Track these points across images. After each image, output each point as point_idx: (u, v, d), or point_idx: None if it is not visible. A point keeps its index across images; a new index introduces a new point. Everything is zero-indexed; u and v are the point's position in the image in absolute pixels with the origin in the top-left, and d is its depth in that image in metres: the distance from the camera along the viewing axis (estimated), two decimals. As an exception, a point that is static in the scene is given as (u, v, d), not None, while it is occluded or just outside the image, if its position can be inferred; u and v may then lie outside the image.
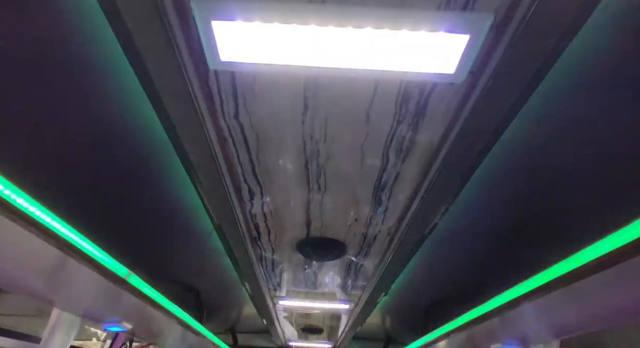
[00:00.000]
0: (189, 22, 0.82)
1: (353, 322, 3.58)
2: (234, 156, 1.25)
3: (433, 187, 1.35)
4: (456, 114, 1.03)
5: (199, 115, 1.07)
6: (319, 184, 1.40)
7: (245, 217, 1.68)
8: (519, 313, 2.26)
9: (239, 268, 2.37)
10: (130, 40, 0.84)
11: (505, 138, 1.12)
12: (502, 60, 0.86)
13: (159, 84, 0.95)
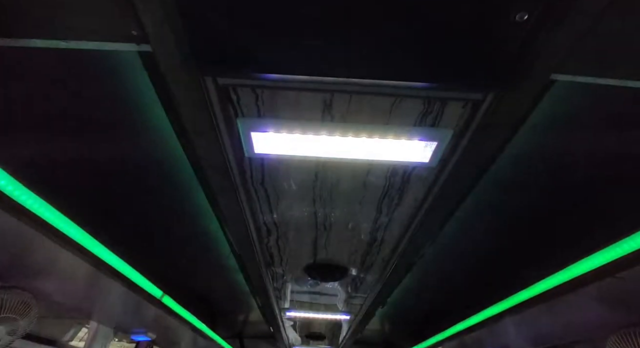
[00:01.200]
0: (233, 129, 1.14)
1: (353, 330, 3.90)
2: (257, 208, 1.57)
3: (419, 229, 1.66)
4: (432, 184, 1.34)
5: (233, 182, 1.38)
6: (325, 226, 1.71)
7: (262, 249, 2.00)
8: (503, 325, 2.57)
9: (252, 286, 2.69)
10: (191, 142, 1.15)
11: (482, 187, 1.42)
12: (462, 153, 1.17)
13: (205, 159, 1.26)
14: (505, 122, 1.03)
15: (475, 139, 1.10)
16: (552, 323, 2.25)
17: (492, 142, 1.11)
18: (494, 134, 1.07)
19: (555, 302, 1.93)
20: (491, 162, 1.23)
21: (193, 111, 1.05)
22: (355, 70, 0.87)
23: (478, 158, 1.18)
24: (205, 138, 1.14)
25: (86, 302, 2.24)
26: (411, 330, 4.08)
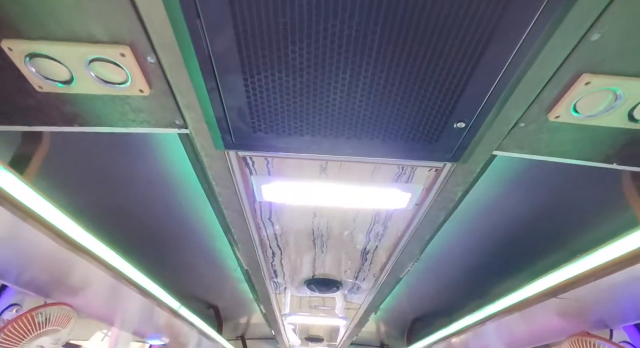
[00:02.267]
0: (248, 184, 1.43)
1: (349, 333, 4.21)
2: (265, 236, 1.87)
3: (402, 253, 1.96)
4: (410, 221, 1.64)
5: (246, 219, 1.68)
6: (322, 250, 2.01)
7: (268, 267, 2.29)
8: (484, 330, 2.87)
9: (257, 295, 3.00)
10: (215, 192, 1.45)
11: (454, 218, 1.72)
12: (432, 201, 1.47)
13: (225, 204, 1.56)
14: (461, 182, 1.33)
15: (440, 192, 1.40)
16: (523, 330, 2.55)
17: (453, 194, 1.40)
18: (454, 190, 1.37)
19: (523, 312, 2.23)
20: (456, 204, 1.52)
21: (218, 172, 1.34)
22: (344, 152, 1.16)
23: (445, 203, 1.48)
24: (226, 190, 1.44)
25: (112, 312, 2.53)
26: (403, 333, 4.39)
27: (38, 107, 1.09)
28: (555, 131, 1.09)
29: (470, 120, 1.01)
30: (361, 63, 0.86)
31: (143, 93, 1.03)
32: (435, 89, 0.92)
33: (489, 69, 0.86)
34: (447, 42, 0.80)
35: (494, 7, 0.73)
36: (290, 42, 0.82)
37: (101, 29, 0.86)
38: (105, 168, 1.65)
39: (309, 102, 0.97)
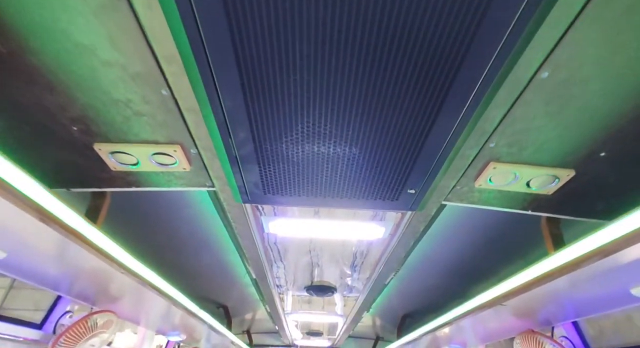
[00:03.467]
0: (258, 221, 1.87)
1: (346, 328, 4.70)
2: (270, 255, 2.31)
3: (383, 267, 2.41)
4: (386, 246, 2.09)
5: (256, 244, 2.12)
6: (319, 264, 2.46)
7: (273, 276, 2.75)
8: (462, 324, 3.35)
9: (263, 298, 3.47)
10: (232, 226, 1.89)
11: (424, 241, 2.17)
12: (401, 232, 1.91)
13: (240, 234, 2.00)
14: (422, 220, 1.77)
15: (407, 226, 1.84)
16: (489, 326, 3.02)
17: (417, 227, 1.85)
18: (417, 225, 1.81)
19: (485, 312, 2.69)
20: (422, 234, 1.97)
21: (236, 215, 1.79)
22: (331, 205, 1.60)
23: (412, 233, 1.92)
24: (241, 226, 1.88)
25: (141, 314, 2.99)
26: (394, 327, 4.88)
27: (110, 178, 1.52)
28: (482, 191, 1.52)
29: (418, 188, 1.45)
30: (339, 160, 1.29)
31: (185, 169, 1.46)
32: (393, 171, 1.35)
33: (428, 156, 1.29)
34: (397, 147, 1.23)
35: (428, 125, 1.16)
36: (289, 155, 1.25)
37: (163, 136, 1.29)
38: (151, 213, 2.10)
39: (304, 179, 1.40)
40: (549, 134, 1.18)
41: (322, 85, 0.98)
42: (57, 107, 1.15)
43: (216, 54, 0.89)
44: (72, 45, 0.95)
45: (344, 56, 0.88)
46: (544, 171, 1.34)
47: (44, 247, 1.49)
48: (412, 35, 0.83)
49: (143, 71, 1.02)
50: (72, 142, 1.31)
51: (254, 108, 1.07)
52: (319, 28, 0.82)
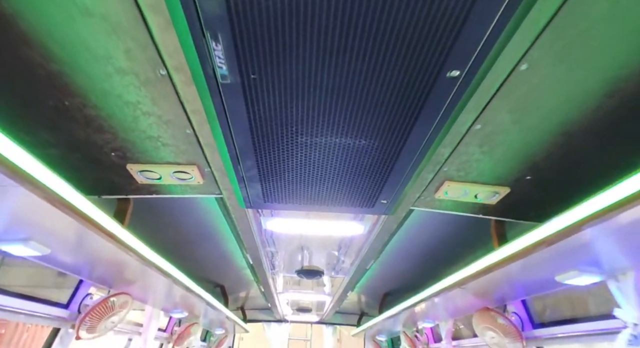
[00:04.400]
0: (258, 220, 2.23)
1: (333, 305, 5.20)
2: (267, 246, 2.69)
3: (364, 257, 2.81)
4: (365, 240, 2.48)
5: (255, 238, 2.49)
6: (308, 253, 2.85)
7: (267, 262, 3.14)
8: (433, 302, 3.84)
9: (258, 280, 3.88)
10: (235, 224, 2.25)
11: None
12: (378, 230, 2.29)
13: (241, 230, 2.36)
14: (394, 221, 2.15)
15: (382, 225, 2.22)
16: (456, 303, 3.50)
17: (390, 226, 2.23)
18: (391, 224, 2.20)
19: (455, 291, 3.15)
20: (395, 230, 2.35)
21: (239, 216, 2.13)
22: (319, 210, 1.96)
23: (386, 230, 2.31)
24: (243, 224, 2.24)
25: (150, 295, 3.37)
26: (377, 303, 5.41)
27: (136, 188, 1.85)
28: (442, 201, 1.90)
29: (389, 199, 1.81)
30: (326, 179, 1.64)
31: (199, 183, 1.79)
32: (368, 188, 1.71)
33: (396, 177, 1.64)
34: (371, 170, 1.58)
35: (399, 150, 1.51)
36: (287, 176, 1.59)
37: (183, 159, 1.61)
38: (163, 211, 2.42)
39: (298, 191, 1.75)
40: (486, 165, 1.54)
41: (313, 136, 1.31)
42: (103, 141, 1.46)
43: (234, 116, 1.22)
44: (123, 103, 1.25)
45: (329, 120, 1.22)
46: (486, 188, 1.72)
47: (79, 243, 1.82)
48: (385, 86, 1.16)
49: (174, 119, 1.33)
50: (109, 163, 1.62)
51: (259, 146, 1.40)
52: (310, 106, 1.14)
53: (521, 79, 1.09)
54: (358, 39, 0.92)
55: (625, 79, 1.06)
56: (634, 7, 0.87)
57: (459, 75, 1.02)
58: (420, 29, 0.89)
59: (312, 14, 0.86)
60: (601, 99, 1.14)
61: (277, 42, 0.94)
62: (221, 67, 1.02)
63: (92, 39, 1.01)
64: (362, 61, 0.99)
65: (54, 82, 1.17)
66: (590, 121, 1.24)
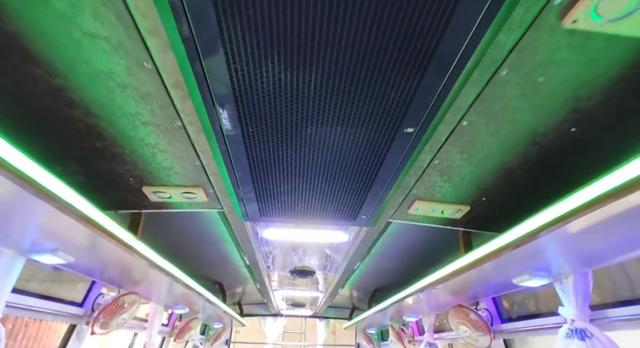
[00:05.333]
0: (255, 230, 2.54)
1: (325, 300, 5.55)
2: (263, 253, 2.99)
3: (352, 257, 3.13)
4: (351, 246, 2.79)
5: (252, 243, 2.79)
6: (301, 255, 3.17)
7: (263, 262, 3.46)
8: (416, 298, 4.19)
9: (254, 278, 4.20)
10: (234, 233, 2.55)
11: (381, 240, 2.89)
12: (361, 237, 2.61)
13: (240, 238, 2.66)
14: (375, 231, 2.46)
15: (364, 235, 2.53)
16: (437, 299, 3.85)
17: (372, 235, 2.54)
18: (372, 233, 2.51)
19: (433, 289, 3.49)
20: (376, 240, 2.67)
21: (238, 228, 2.43)
22: (308, 221, 2.26)
23: (369, 239, 2.62)
24: (242, 233, 2.54)
25: (155, 293, 3.68)
26: (367, 299, 5.77)
27: (149, 204, 2.14)
28: (414, 215, 2.21)
29: (368, 215, 2.12)
30: (314, 199, 1.94)
31: (204, 200, 2.08)
32: (350, 205, 2.01)
33: (373, 198, 1.94)
34: (352, 193, 1.88)
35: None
36: (281, 198, 1.89)
37: (191, 183, 1.90)
38: (169, 220, 2.71)
39: (290, 208, 2.05)
40: (447, 189, 1.85)
41: (302, 170, 1.61)
42: (124, 170, 1.74)
43: (236, 156, 1.51)
44: (144, 144, 1.54)
45: (315, 158, 1.51)
46: (451, 206, 2.03)
47: (98, 252, 2.11)
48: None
49: (185, 155, 1.62)
50: (127, 186, 1.91)
51: (256, 176, 1.69)
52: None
53: (464, 131, 1.39)
54: (332, 112, 1.22)
55: (542, 133, 1.37)
56: (538, 91, 1.17)
57: (414, 131, 1.32)
58: (380, 104, 1.18)
59: (295, 95, 1.15)
60: (527, 146, 1.45)
61: (269, 110, 1.23)
62: (226, 124, 1.30)
63: (128, 105, 1.29)
64: (336, 127, 1.28)
65: (91, 130, 1.45)
66: (522, 160, 1.55)
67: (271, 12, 0.88)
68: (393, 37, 0.94)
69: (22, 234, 1.66)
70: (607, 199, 1.10)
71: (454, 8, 0.86)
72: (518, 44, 1.00)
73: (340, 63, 1.03)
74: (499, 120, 1.32)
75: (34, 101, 1.29)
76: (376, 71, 1.06)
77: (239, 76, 1.08)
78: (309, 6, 0.86)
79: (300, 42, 0.96)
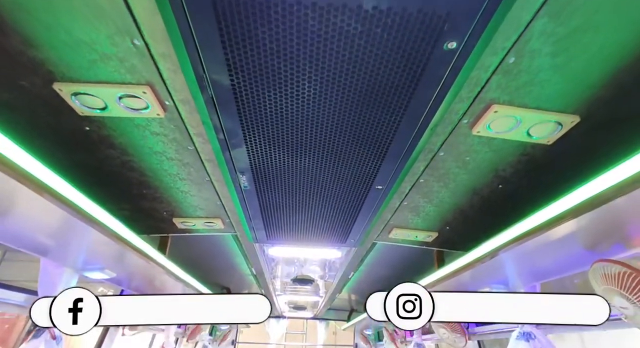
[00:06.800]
0: (262, 249, 3.03)
1: (325, 303, 6.05)
2: (268, 265, 3.49)
3: (346, 269, 3.62)
4: (344, 260, 3.28)
5: (259, 259, 3.29)
6: (302, 264, 3.66)
7: (268, 272, 3.96)
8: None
9: (259, 284, 4.71)
10: (245, 252, 3.05)
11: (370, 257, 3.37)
12: (352, 255, 3.10)
13: (250, 255, 3.15)
14: (363, 250, 2.95)
15: (354, 253, 3.02)
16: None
17: (361, 252, 3.03)
18: (361, 251, 3.00)
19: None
20: (363, 258, 3.15)
21: (248, 246, 2.93)
22: (306, 243, 2.75)
23: (358, 255, 3.11)
24: (250, 252, 3.04)
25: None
26: (363, 302, 6.26)
27: (176, 230, 2.63)
28: (394, 238, 2.69)
29: (355, 239, 2.60)
30: (311, 226, 2.42)
31: (221, 227, 2.57)
32: (340, 232, 2.49)
33: (359, 227, 2.41)
34: (341, 226, 2.36)
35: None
36: (284, 228, 2.37)
37: (211, 214, 2.39)
38: (194, 242, 3.21)
39: (291, 234, 2.54)
40: (417, 221, 2.34)
41: (303, 211, 2.09)
42: (160, 207, 2.24)
43: (251, 203, 2.00)
44: (180, 191, 2.03)
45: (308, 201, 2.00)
46: (422, 233, 2.51)
47: (133, 268, 2.61)
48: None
49: (210, 198, 2.10)
50: (161, 217, 2.40)
51: (266, 214, 2.18)
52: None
53: (422, 185, 1.87)
54: (320, 178, 1.71)
55: (479, 189, 1.85)
56: (468, 165, 1.65)
57: (382, 188, 1.81)
58: (356, 169, 1.67)
59: (295, 170, 1.64)
60: (471, 195, 1.93)
61: (276, 176, 1.72)
62: (244, 183, 1.79)
63: (172, 169, 1.78)
64: (323, 188, 1.77)
65: (142, 183, 1.94)
66: (469, 203, 2.03)
67: (277, 133, 1.37)
68: (358, 142, 1.43)
69: (78, 256, 2.15)
70: (543, 228, 1.51)
71: (400, 122, 1.33)
72: (446, 141, 1.48)
73: (323, 154, 1.52)
74: (445, 178, 1.80)
75: (110, 171, 1.79)
76: (352, 161, 1.55)
77: (255, 159, 1.57)
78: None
79: (295, 144, 1.45)
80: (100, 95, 1.28)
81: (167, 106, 1.33)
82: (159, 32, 1.03)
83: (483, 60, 1.08)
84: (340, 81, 1.13)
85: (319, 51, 1.03)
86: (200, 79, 1.14)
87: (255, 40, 1.00)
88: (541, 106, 1.28)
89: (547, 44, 1.03)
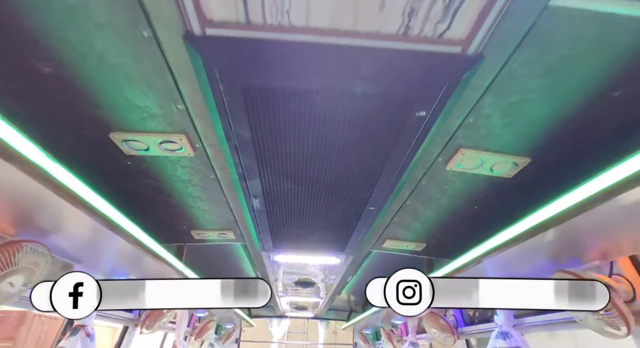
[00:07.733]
0: (269, 256, 3.36)
1: (325, 304, 6.38)
2: (273, 267, 3.81)
3: (344, 273, 3.94)
4: (342, 266, 3.60)
5: (267, 266, 3.61)
6: (304, 269, 3.98)
7: (272, 274, 4.28)
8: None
9: (264, 286, 5.04)
10: (254, 261, 3.37)
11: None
12: (349, 262, 3.42)
13: (258, 264, 3.47)
14: (359, 257, 3.27)
15: (352, 260, 3.34)
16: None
17: (357, 259, 3.35)
18: (357, 258, 3.32)
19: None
20: (360, 264, 3.47)
21: (256, 255, 3.25)
22: (309, 252, 3.07)
23: (355, 262, 3.42)
24: (257, 258, 3.36)
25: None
26: (362, 302, 6.59)
27: (192, 240, 2.95)
28: (387, 248, 3.01)
29: (353, 247, 2.92)
30: (311, 238, 2.74)
31: (233, 238, 2.89)
32: (336, 242, 2.81)
33: (355, 239, 2.73)
34: (339, 243, 2.68)
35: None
36: (289, 238, 2.69)
37: (224, 227, 2.72)
38: (205, 248, 3.53)
39: (295, 244, 2.86)
40: (407, 233, 2.65)
41: (305, 226, 2.41)
42: (180, 222, 2.55)
43: (261, 220, 2.31)
44: (198, 209, 2.35)
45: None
46: (411, 243, 2.83)
47: (153, 273, 2.93)
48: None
49: (224, 214, 2.42)
50: (181, 230, 2.73)
51: (274, 229, 2.50)
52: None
53: (408, 207, 2.19)
54: (318, 202, 2.03)
55: (455, 210, 2.17)
56: (446, 191, 1.97)
57: (374, 209, 2.12)
58: (351, 195, 1.99)
59: (300, 193, 1.96)
60: (450, 215, 2.25)
61: (283, 198, 2.03)
62: (256, 205, 2.11)
63: (195, 193, 2.10)
64: (319, 211, 2.09)
65: (169, 205, 2.26)
66: (451, 219, 2.35)
67: (286, 168, 1.69)
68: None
69: (106, 263, 2.47)
70: (517, 240, 1.81)
71: (386, 163, 1.64)
72: (426, 174, 1.80)
73: (323, 183, 1.84)
74: (428, 201, 2.12)
75: (143, 193, 2.11)
76: (347, 189, 1.87)
77: (267, 186, 1.89)
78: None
79: (300, 176, 1.77)
80: (145, 141, 1.60)
81: (197, 148, 1.65)
82: (198, 100, 1.34)
83: (449, 122, 1.39)
84: (336, 136, 1.45)
85: (320, 116, 1.35)
86: (227, 132, 1.46)
87: (271, 110, 1.32)
88: (500, 150, 1.59)
89: (496, 111, 1.35)
